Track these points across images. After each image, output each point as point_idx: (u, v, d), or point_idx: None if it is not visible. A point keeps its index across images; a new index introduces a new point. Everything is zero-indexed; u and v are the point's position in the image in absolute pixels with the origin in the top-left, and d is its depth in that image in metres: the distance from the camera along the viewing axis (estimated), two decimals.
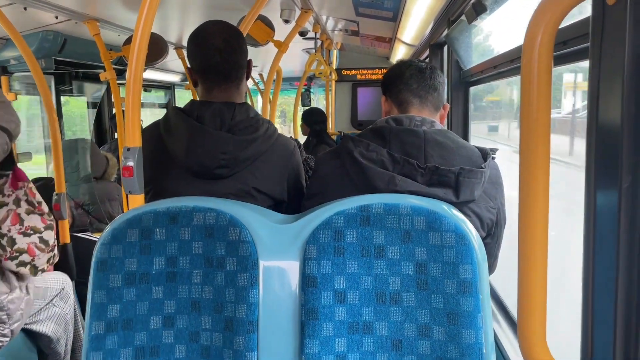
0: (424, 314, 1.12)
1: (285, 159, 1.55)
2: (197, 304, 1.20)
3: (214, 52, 1.47)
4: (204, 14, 3.34)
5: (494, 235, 1.46)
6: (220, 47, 1.47)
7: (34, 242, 1.88)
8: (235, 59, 1.50)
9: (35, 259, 1.89)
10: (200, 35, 1.50)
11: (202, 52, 1.49)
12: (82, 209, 3.48)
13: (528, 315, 0.87)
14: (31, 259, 1.89)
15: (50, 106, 2.78)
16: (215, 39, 1.47)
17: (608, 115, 0.81)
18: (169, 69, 5.45)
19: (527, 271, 0.86)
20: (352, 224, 1.15)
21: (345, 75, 6.30)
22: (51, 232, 1.92)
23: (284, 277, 1.17)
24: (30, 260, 1.89)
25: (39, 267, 1.91)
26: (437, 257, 1.11)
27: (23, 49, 2.58)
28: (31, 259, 1.89)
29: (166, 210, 1.22)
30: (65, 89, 4.42)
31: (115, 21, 3.22)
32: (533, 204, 0.83)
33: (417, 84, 1.49)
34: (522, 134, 0.83)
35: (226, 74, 1.50)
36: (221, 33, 1.49)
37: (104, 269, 1.20)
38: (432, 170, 1.29)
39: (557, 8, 0.78)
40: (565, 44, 1.20)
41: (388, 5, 2.93)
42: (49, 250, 1.92)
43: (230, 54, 1.49)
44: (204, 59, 1.49)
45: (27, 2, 2.54)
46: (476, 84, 2.59)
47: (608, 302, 0.82)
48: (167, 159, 1.48)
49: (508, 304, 2.02)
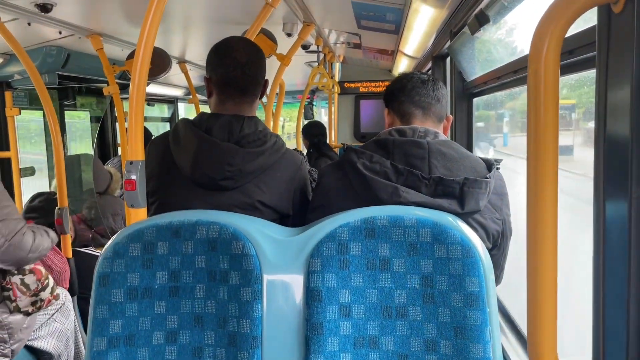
0: (430, 328, 1.10)
1: (292, 173, 1.54)
2: (200, 319, 1.18)
3: (235, 66, 1.49)
4: (207, 28, 3.36)
5: (500, 246, 1.44)
6: (243, 61, 1.49)
7: (16, 282, 2.00)
8: (254, 75, 1.52)
9: (17, 300, 1.99)
10: (224, 47, 1.52)
11: (224, 64, 1.51)
12: (84, 224, 3.47)
13: (538, 329, 0.85)
14: (14, 298, 2.00)
15: (53, 121, 2.79)
16: (239, 54, 1.49)
17: (616, 124, 0.80)
18: (172, 83, 5.48)
19: (537, 284, 0.84)
20: (356, 237, 1.14)
21: (348, 87, 6.32)
22: (33, 277, 2.03)
23: (288, 291, 1.15)
24: (13, 299, 2.00)
25: (22, 309, 2.01)
26: (443, 269, 1.09)
27: (27, 64, 2.60)
28: (14, 299, 2.00)
29: (169, 224, 1.21)
30: (68, 103, 4.44)
31: (119, 36, 3.24)
32: (541, 215, 0.82)
33: (419, 96, 1.49)
34: (530, 144, 0.82)
35: (243, 89, 1.51)
36: (245, 49, 1.51)
37: (106, 283, 1.18)
38: (437, 181, 1.28)
39: (563, 17, 0.77)
40: (572, 53, 1.19)
41: (390, 18, 2.94)
42: (31, 295, 2.02)
43: (250, 70, 1.51)
44: (225, 71, 1.50)
45: (30, 18, 2.55)
46: (480, 95, 2.59)
47: (620, 314, 0.80)
48: (174, 170, 1.48)
49: (516, 317, 2.00)
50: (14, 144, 3.32)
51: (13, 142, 3.31)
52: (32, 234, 1.92)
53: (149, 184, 1.50)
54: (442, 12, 2.31)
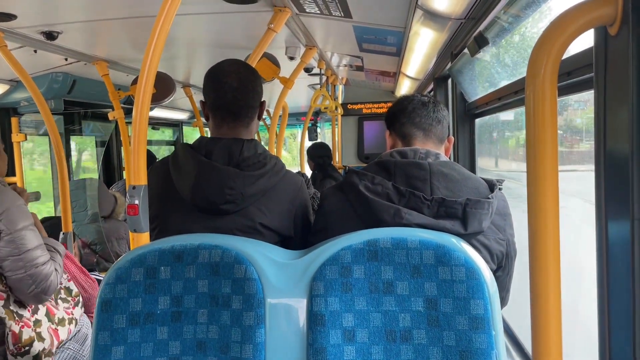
0: (435, 352, 1.08)
1: (292, 194, 1.54)
2: (203, 345, 1.17)
3: (226, 90, 1.49)
4: (210, 53, 3.41)
5: (504, 267, 1.43)
6: (234, 86, 1.49)
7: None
8: (246, 99, 1.52)
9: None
10: (216, 72, 1.53)
11: (215, 89, 1.51)
12: (89, 248, 3.47)
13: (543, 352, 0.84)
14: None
15: (58, 147, 2.81)
16: (230, 78, 1.50)
17: (616, 145, 0.80)
18: (177, 107, 5.53)
19: (540, 305, 0.83)
20: (359, 259, 1.13)
21: (351, 109, 6.36)
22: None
23: (291, 315, 1.14)
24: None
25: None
26: (447, 292, 1.08)
27: (33, 90, 2.63)
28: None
29: (171, 248, 1.21)
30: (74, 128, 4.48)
31: (124, 62, 3.29)
32: (543, 236, 0.81)
33: (420, 117, 1.50)
34: (529, 166, 0.82)
35: (236, 113, 1.51)
36: (236, 73, 1.51)
37: (108, 309, 1.18)
38: (439, 202, 1.27)
39: (560, 39, 0.78)
40: (570, 75, 1.20)
41: (391, 40, 2.97)
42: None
43: (242, 94, 1.50)
44: (217, 95, 1.51)
45: (37, 45, 2.60)
46: (481, 116, 2.59)
47: (625, 336, 0.79)
48: (174, 195, 1.48)
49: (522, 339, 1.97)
50: (20, 169, 3.35)
51: (19, 167, 3.34)
52: (55, 274, 1.92)
53: (150, 209, 1.50)
54: (442, 34, 2.33)
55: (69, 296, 2.13)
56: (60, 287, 2.10)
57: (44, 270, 1.86)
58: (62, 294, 2.10)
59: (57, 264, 1.94)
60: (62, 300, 2.09)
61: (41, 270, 1.85)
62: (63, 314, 2.04)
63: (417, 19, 2.25)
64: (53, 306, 2.02)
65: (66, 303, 2.09)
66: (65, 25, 2.38)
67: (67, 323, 2.05)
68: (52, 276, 1.88)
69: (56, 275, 1.92)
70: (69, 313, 2.08)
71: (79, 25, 2.44)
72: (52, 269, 1.89)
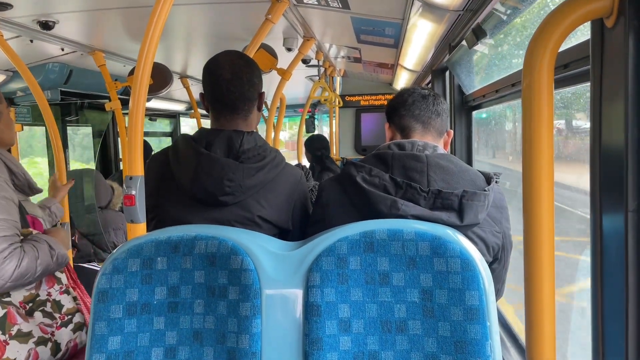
0: (430, 343, 1.09)
1: (291, 188, 1.54)
2: (199, 335, 1.18)
3: (221, 83, 1.49)
4: (207, 43, 3.39)
5: (500, 260, 1.44)
6: (227, 78, 1.48)
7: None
8: (241, 91, 1.50)
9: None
10: (211, 65, 1.53)
11: (211, 82, 1.51)
12: (86, 239, 3.47)
13: (536, 342, 0.84)
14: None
15: (56, 137, 2.80)
16: (223, 71, 1.49)
17: (611, 138, 0.80)
18: (174, 98, 5.51)
19: (534, 296, 0.84)
20: (355, 251, 1.13)
21: (349, 101, 6.35)
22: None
23: (287, 306, 1.15)
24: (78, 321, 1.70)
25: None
26: (442, 283, 1.09)
27: (29, 80, 2.62)
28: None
29: (167, 239, 1.21)
30: (71, 119, 4.47)
31: (121, 52, 3.27)
32: (537, 228, 0.82)
33: (419, 110, 1.50)
34: (525, 158, 0.82)
35: (231, 105, 1.51)
36: (230, 65, 1.50)
37: (105, 299, 1.18)
38: (435, 193, 1.28)
39: (556, 31, 0.78)
40: (567, 67, 1.20)
41: (389, 32, 2.97)
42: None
43: (236, 87, 1.49)
44: (212, 88, 1.51)
45: (33, 35, 2.58)
46: (479, 108, 2.60)
47: (618, 327, 0.80)
48: (173, 186, 1.48)
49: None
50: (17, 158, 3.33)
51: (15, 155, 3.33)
52: (16, 259, 1.50)
53: (148, 199, 1.50)
54: (440, 26, 2.33)
55: (57, 312, 1.68)
56: (49, 298, 1.69)
57: None
58: (46, 307, 1.67)
59: (27, 254, 1.54)
60: (44, 313, 1.65)
61: None
62: (33, 329, 1.59)
63: (415, 11, 2.25)
64: (20, 314, 1.59)
65: (48, 318, 1.65)
66: (61, 14, 2.37)
67: (32, 341, 1.58)
68: (5, 254, 1.48)
69: (15, 262, 1.50)
70: (46, 332, 1.63)
71: (75, 14, 2.43)
72: (7, 249, 1.48)
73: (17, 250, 1.52)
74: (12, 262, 1.49)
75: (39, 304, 1.66)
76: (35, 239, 1.64)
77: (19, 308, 1.60)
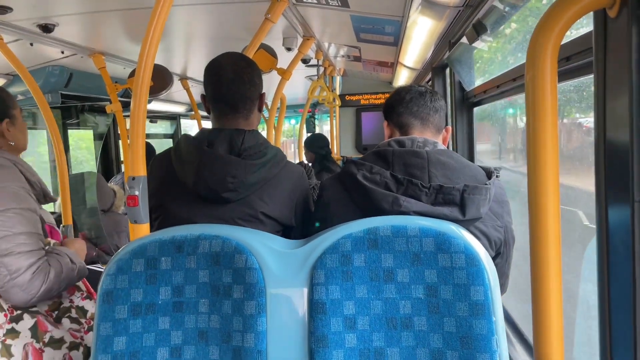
0: (436, 339, 1.09)
1: (293, 184, 1.55)
2: (205, 334, 1.17)
3: (222, 83, 1.50)
4: (207, 45, 3.39)
5: (503, 254, 1.44)
6: (229, 78, 1.50)
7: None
8: (242, 92, 1.52)
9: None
10: (212, 66, 1.54)
11: (212, 82, 1.53)
12: (89, 241, 3.47)
13: (544, 338, 0.84)
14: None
15: (57, 140, 2.80)
16: (225, 71, 1.51)
17: (616, 129, 0.80)
18: (174, 99, 5.52)
19: (541, 292, 0.84)
20: (359, 248, 1.13)
21: (349, 100, 6.35)
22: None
23: (292, 304, 1.14)
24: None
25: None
26: (447, 279, 1.09)
27: (30, 84, 2.62)
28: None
29: (171, 239, 1.21)
30: (72, 122, 4.47)
31: (121, 54, 3.27)
32: (543, 221, 0.81)
33: (417, 107, 1.50)
34: (529, 151, 0.82)
35: (233, 105, 1.52)
36: (232, 65, 1.52)
37: (110, 300, 1.18)
38: (437, 189, 1.28)
39: (559, 23, 0.78)
40: (569, 59, 1.19)
41: (389, 30, 2.96)
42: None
43: (237, 87, 1.51)
44: (213, 88, 1.53)
45: (33, 38, 2.58)
46: (480, 104, 2.59)
47: (626, 319, 0.79)
48: (177, 185, 1.49)
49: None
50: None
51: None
52: (44, 274, 1.51)
53: (151, 200, 1.50)
54: (440, 23, 2.33)
55: (82, 317, 1.72)
56: (72, 304, 1.71)
57: (20, 260, 1.47)
58: (72, 313, 1.70)
59: (53, 268, 1.55)
60: (71, 319, 1.69)
61: (17, 260, 1.47)
62: (64, 335, 1.62)
63: (415, 8, 2.24)
64: (49, 322, 1.61)
65: (76, 324, 1.69)
66: (61, 17, 2.37)
67: (65, 347, 1.61)
68: (28, 270, 1.48)
69: (43, 278, 1.51)
70: (76, 337, 1.66)
71: (75, 17, 2.43)
72: (35, 264, 1.50)
73: (44, 265, 1.53)
74: (40, 278, 1.51)
75: (64, 311, 1.70)
76: (57, 252, 1.64)
77: (47, 316, 1.63)
